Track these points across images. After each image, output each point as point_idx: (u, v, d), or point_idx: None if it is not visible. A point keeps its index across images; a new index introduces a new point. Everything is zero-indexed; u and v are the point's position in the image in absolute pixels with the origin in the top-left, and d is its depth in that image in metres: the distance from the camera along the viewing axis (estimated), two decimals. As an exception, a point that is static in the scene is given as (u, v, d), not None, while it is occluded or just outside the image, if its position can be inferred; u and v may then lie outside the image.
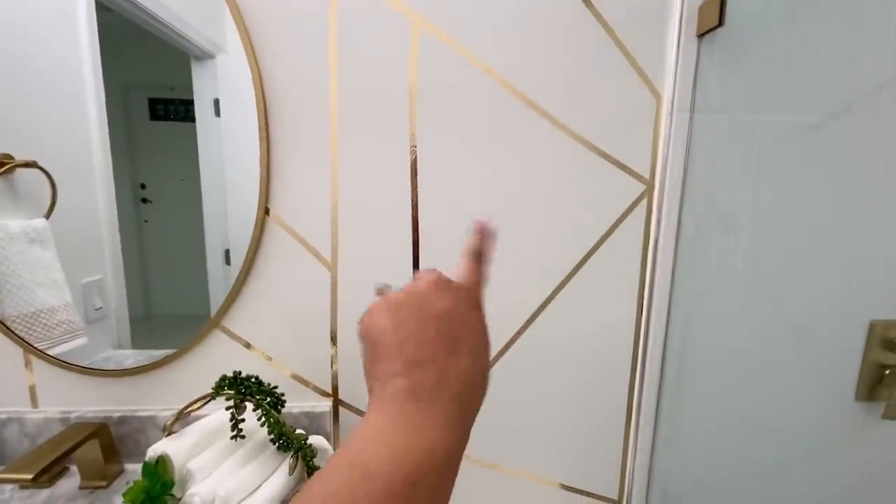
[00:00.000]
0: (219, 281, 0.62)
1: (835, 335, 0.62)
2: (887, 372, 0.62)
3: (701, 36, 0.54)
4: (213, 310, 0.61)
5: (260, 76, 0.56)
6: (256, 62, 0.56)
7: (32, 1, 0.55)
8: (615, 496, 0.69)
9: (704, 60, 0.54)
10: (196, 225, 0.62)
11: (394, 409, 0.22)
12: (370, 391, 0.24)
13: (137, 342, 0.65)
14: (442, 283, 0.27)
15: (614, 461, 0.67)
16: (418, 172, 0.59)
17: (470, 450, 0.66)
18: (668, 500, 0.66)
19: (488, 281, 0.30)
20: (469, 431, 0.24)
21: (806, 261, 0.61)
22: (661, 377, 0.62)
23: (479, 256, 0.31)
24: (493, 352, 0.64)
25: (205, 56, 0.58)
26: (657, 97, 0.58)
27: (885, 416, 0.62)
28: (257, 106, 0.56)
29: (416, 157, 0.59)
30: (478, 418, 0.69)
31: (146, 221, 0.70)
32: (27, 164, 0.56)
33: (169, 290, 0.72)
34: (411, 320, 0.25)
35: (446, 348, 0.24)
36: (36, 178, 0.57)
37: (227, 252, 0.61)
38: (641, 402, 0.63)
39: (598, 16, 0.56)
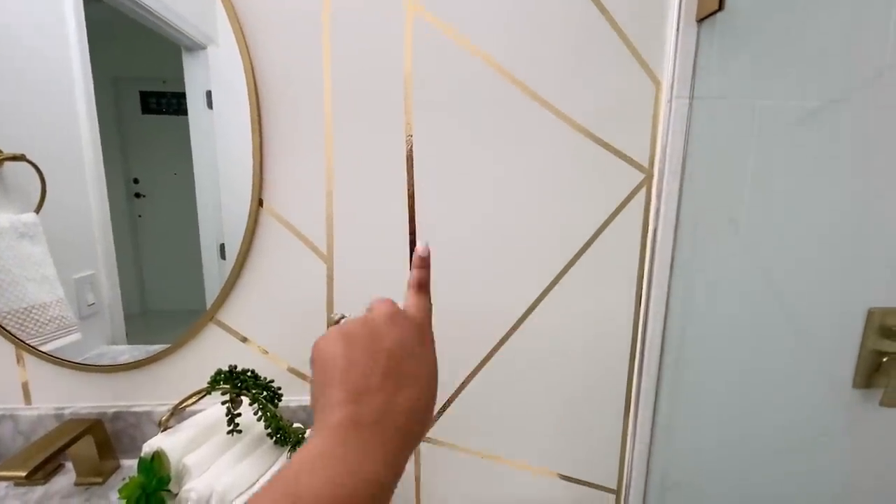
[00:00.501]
0: (214, 275, 0.61)
1: (833, 323, 0.62)
2: (885, 359, 0.62)
3: (701, 21, 0.53)
4: (209, 305, 0.60)
5: (252, 66, 0.55)
6: (248, 51, 0.54)
7: (19, -8, 0.54)
8: (614, 486, 0.69)
9: (704, 45, 0.54)
10: (190, 219, 0.61)
11: (335, 438, 0.22)
12: (314, 417, 0.24)
13: (133, 338, 0.65)
14: (396, 315, 0.28)
15: (613, 451, 0.67)
16: (414, 162, 0.58)
17: (470, 441, 0.66)
18: (667, 488, 0.66)
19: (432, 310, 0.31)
20: (405, 463, 0.24)
21: (805, 248, 0.60)
22: (660, 366, 0.62)
23: (425, 287, 0.32)
24: (494, 342, 0.63)
25: (196, 47, 0.57)
26: (656, 83, 0.57)
27: (882, 404, 0.62)
28: (249, 96, 0.55)
29: (411, 146, 0.58)
30: (476, 409, 0.69)
31: (140, 216, 0.69)
32: (15, 158, 0.55)
33: (164, 285, 0.72)
34: (361, 351, 0.25)
35: (393, 381, 0.24)
36: (25, 172, 0.56)
37: (222, 246, 0.61)
38: (640, 392, 0.63)
39: (596, 1, 0.55)
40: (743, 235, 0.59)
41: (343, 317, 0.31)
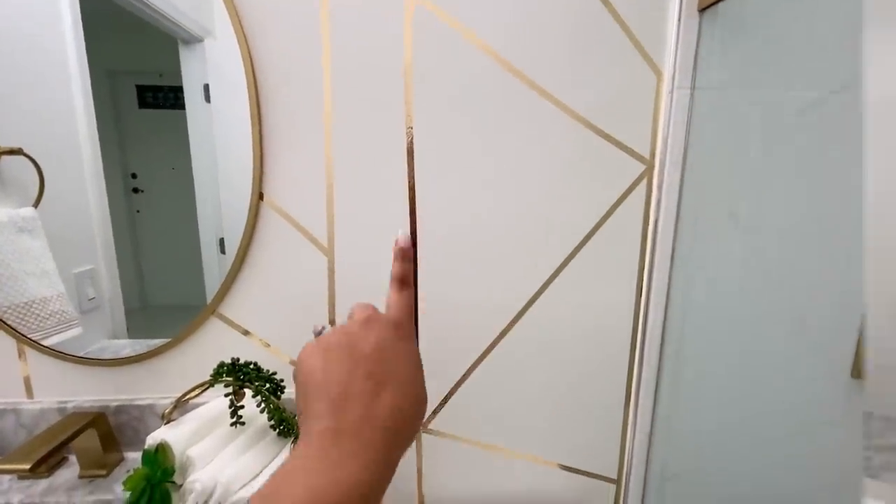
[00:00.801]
0: (214, 270, 0.61)
1: (832, 315, 0.63)
2: (883, 349, 0.62)
3: (702, 11, 0.53)
4: (209, 299, 0.60)
5: (251, 58, 0.54)
6: (247, 43, 0.54)
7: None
8: (614, 476, 0.69)
9: (706, 36, 0.53)
10: (189, 214, 0.61)
11: (317, 450, 0.22)
12: (300, 430, 0.25)
13: (134, 332, 0.65)
14: (371, 319, 0.28)
15: (613, 441, 0.68)
16: (415, 154, 0.58)
17: (471, 432, 0.67)
18: (667, 478, 0.67)
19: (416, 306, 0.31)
20: (397, 461, 0.24)
21: (804, 238, 0.60)
22: (660, 357, 0.62)
23: (406, 282, 0.31)
24: (495, 334, 0.64)
25: (193, 40, 0.56)
26: (657, 74, 0.57)
27: (880, 393, 0.62)
28: (248, 89, 0.55)
29: (412, 138, 0.58)
30: (477, 400, 0.69)
31: (138, 212, 0.69)
32: (12, 152, 0.55)
33: (164, 280, 0.72)
34: (338, 362, 0.25)
35: (373, 384, 0.25)
36: (22, 167, 0.56)
37: (221, 240, 0.61)
38: (640, 383, 0.63)
39: (596, -9, 0.54)
40: (743, 226, 0.60)
41: (325, 327, 0.31)
